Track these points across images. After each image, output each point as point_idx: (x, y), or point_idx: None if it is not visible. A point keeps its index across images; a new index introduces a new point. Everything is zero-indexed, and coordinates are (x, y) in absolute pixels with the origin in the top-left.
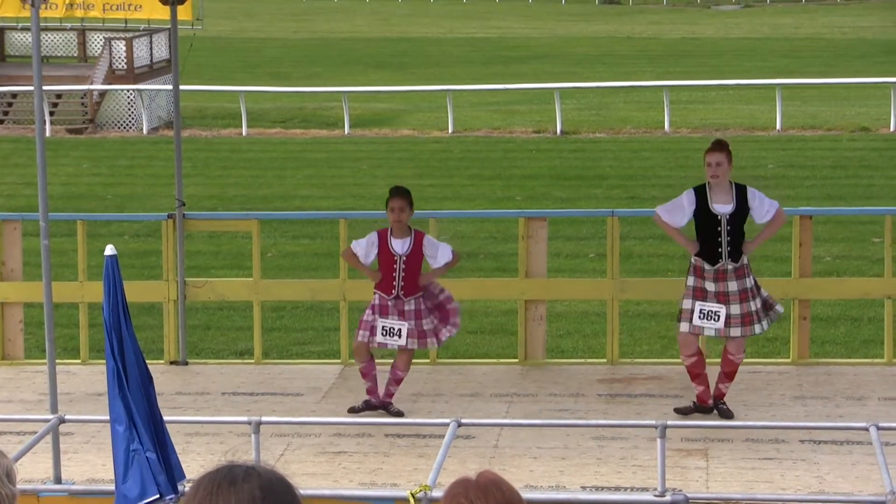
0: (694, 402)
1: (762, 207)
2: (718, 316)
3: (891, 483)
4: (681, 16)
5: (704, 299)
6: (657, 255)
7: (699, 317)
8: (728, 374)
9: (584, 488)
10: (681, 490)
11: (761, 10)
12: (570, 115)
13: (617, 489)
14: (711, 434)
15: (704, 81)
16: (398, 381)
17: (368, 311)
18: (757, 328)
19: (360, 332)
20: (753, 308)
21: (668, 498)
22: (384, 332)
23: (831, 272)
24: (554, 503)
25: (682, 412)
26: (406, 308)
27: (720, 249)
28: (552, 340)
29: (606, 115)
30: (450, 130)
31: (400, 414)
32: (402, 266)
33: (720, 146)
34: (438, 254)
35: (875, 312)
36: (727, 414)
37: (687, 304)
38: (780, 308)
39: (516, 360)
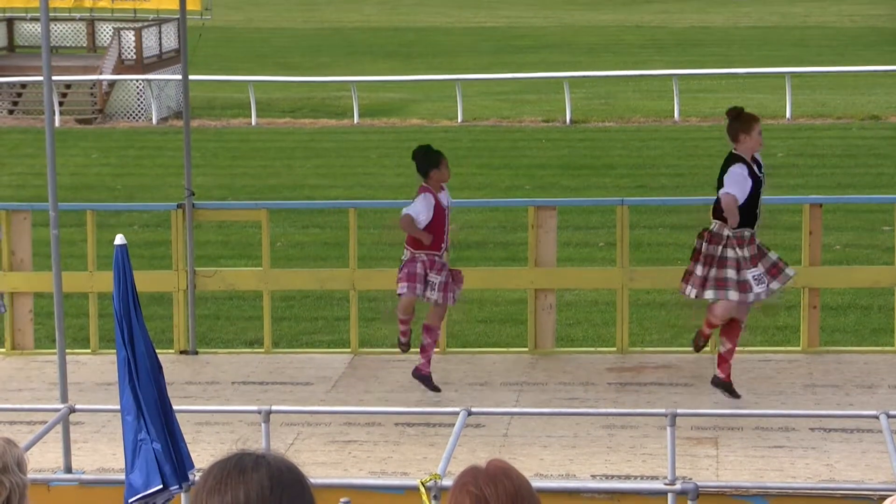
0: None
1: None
2: (763, 277)
3: None
4: (690, 4)
5: (754, 266)
6: (666, 244)
7: (755, 281)
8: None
9: (593, 477)
10: (691, 478)
11: None
12: (579, 105)
13: (627, 477)
14: (721, 422)
15: (714, 70)
16: (436, 341)
17: (419, 265)
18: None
19: (416, 285)
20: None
21: (678, 486)
22: (431, 288)
23: (841, 261)
24: (564, 491)
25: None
26: (444, 262)
27: (756, 212)
28: (562, 329)
29: (615, 105)
30: (459, 120)
31: (437, 389)
32: (448, 218)
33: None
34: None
35: (885, 301)
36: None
37: (746, 273)
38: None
39: (526, 349)
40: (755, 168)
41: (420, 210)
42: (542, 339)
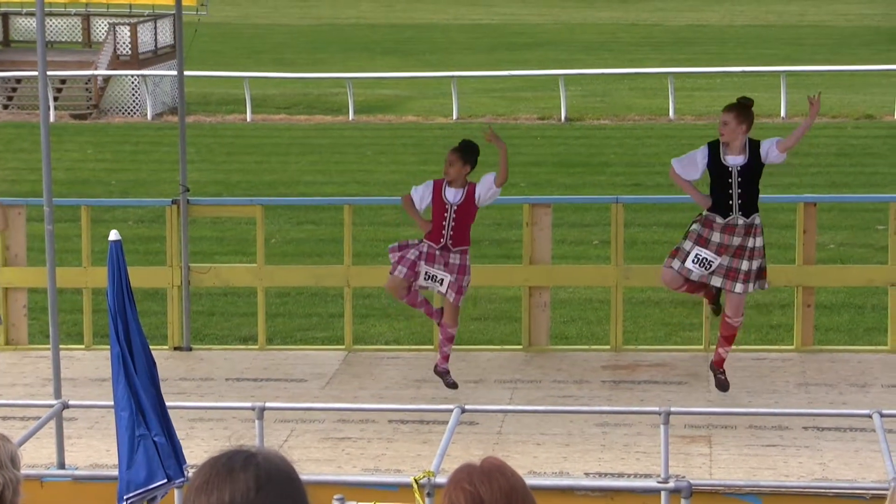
0: (712, 307)
1: (767, 143)
2: (710, 264)
3: (894, 470)
4: (686, 2)
5: (706, 247)
6: (661, 242)
7: (693, 260)
8: (726, 339)
9: (587, 475)
10: (684, 476)
11: None
12: (575, 102)
13: (620, 475)
14: (715, 421)
15: (709, 69)
16: (451, 339)
17: (413, 251)
18: (738, 287)
19: (398, 267)
20: (745, 267)
21: (671, 484)
22: (427, 277)
23: (835, 259)
24: (558, 489)
25: (715, 311)
26: (451, 261)
27: (731, 202)
28: (556, 327)
29: (611, 102)
30: (454, 117)
31: (454, 386)
32: (453, 215)
33: (731, 106)
34: (486, 178)
35: (879, 300)
36: (724, 385)
37: (686, 245)
38: (766, 285)
39: (520, 347)
40: (729, 156)
41: (418, 190)
42: (537, 336)
